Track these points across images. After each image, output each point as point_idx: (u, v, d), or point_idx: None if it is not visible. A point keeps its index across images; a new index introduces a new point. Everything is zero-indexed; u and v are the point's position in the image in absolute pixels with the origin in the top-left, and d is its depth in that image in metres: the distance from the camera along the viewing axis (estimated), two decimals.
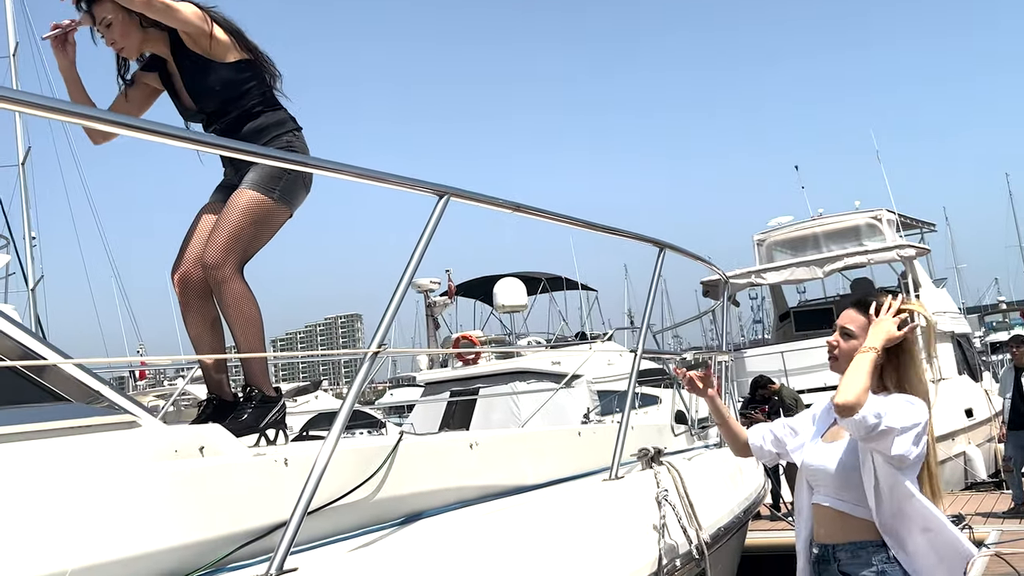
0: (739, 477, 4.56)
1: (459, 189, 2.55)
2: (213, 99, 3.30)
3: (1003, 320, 44.68)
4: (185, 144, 2.07)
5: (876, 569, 2.55)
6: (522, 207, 2.84)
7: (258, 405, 3.12)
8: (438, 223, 2.48)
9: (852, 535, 2.61)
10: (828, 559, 2.66)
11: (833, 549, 2.65)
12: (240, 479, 2.18)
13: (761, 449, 3.02)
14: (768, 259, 15.52)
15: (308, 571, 1.90)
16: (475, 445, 3.06)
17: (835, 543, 2.64)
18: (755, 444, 3.03)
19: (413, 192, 2.56)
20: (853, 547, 2.60)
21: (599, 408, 12.08)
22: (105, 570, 1.83)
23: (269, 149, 3.02)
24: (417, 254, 2.40)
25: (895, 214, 14.88)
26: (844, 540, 2.62)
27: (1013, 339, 10.06)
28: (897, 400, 2.56)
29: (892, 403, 2.53)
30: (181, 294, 3.20)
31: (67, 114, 1.83)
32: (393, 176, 2.47)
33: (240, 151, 2.29)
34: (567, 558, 2.65)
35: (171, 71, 3.36)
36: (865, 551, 2.57)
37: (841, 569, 2.60)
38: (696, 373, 3.09)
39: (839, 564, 2.61)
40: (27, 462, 1.90)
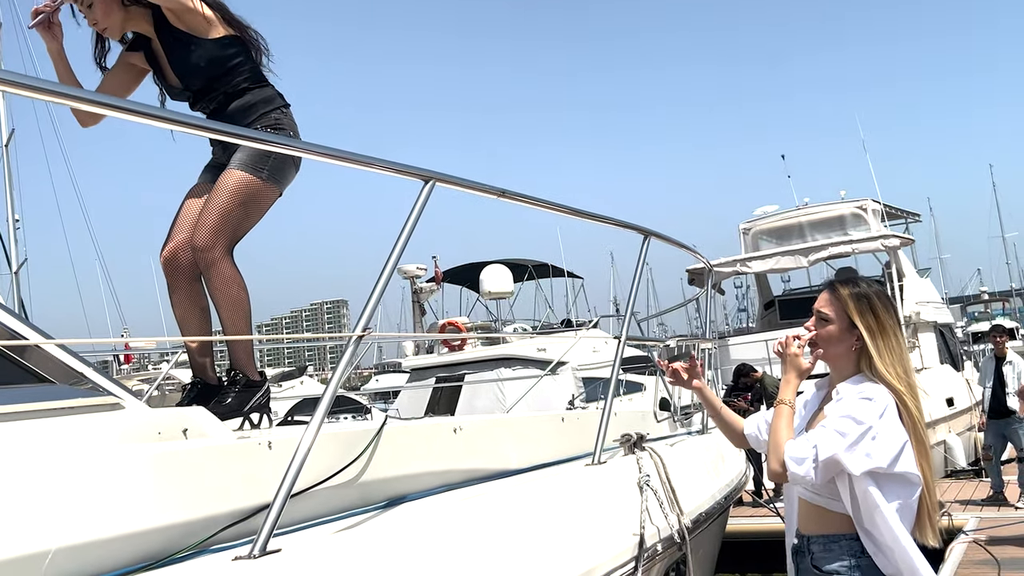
0: (720, 464, 4.60)
1: (444, 174, 2.55)
2: (199, 77, 3.28)
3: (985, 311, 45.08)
4: (173, 127, 2.06)
5: (848, 563, 2.49)
6: (507, 193, 2.85)
7: (242, 389, 3.12)
8: (423, 208, 2.49)
9: (826, 527, 2.55)
10: (804, 551, 2.61)
11: (808, 541, 2.60)
12: (223, 462, 2.19)
13: (757, 439, 2.97)
14: (754, 248, 15.59)
15: (291, 552, 1.91)
16: (459, 430, 3.08)
17: (810, 535, 2.60)
18: (751, 433, 2.99)
19: (400, 177, 2.57)
20: (826, 540, 2.55)
21: (584, 395, 12.14)
22: (88, 550, 1.83)
23: (257, 132, 3.02)
24: (402, 239, 2.41)
25: (880, 204, 14.96)
26: (818, 532, 2.58)
27: (994, 329, 10.18)
28: (840, 409, 2.48)
29: (829, 422, 2.46)
30: (169, 275, 3.19)
31: (53, 95, 1.82)
32: (379, 160, 2.47)
33: (229, 134, 2.28)
34: (548, 541, 2.67)
35: (156, 50, 3.33)
36: (838, 544, 2.52)
37: (813, 562, 2.56)
38: (680, 364, 3.05)
39: (812, 557, 2.57)
40: (9, 443, 1.90)
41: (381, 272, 2.34)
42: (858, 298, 2.67)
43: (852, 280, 2.80)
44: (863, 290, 2.70)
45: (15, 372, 1.99)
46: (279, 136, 3.13)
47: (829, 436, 2.43)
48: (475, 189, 2.72)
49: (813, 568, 2.56)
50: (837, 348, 2.66)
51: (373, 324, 2.43)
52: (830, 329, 2.66)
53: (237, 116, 3.25)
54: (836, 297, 2.68)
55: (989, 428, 9.51)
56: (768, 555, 8.99)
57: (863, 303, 2.66)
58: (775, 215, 15.92)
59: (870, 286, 2.74)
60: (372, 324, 2.37)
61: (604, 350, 13.47)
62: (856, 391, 2.53)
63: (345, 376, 2.26)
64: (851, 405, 2.47)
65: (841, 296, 2.67)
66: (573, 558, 2.70)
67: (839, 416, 2.46)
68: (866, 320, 2.63)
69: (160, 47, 3.30)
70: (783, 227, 15.65)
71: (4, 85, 1.70)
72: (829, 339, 2.66)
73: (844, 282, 2.77)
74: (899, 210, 16.29)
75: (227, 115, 3.26)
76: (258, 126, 3.25)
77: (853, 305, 2.65)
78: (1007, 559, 6.82)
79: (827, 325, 2.66)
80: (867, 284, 2.76)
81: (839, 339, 2.65)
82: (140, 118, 1.92)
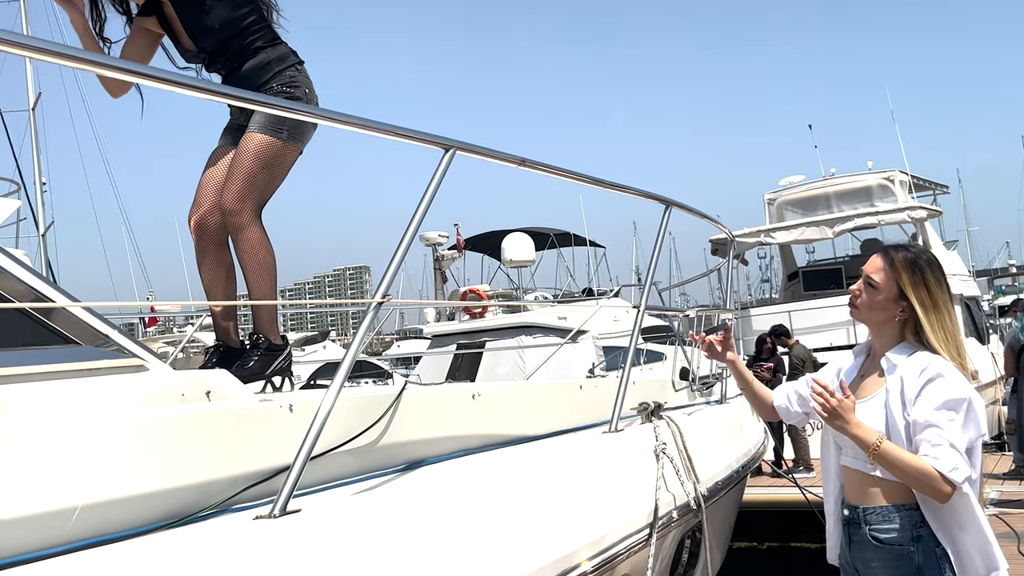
0: (739, 434, 4.61)
1: (465, 143, 2.56)
2: (213, 38, 3.28)
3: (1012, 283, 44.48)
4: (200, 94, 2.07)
5: (911, 534, 2.46)
6: (527, 161, 2.85)
7: (264, 353, 3.16)
8: (443, 176, 2.50)
9: (884, 498, 2.51)
10: (858, 522, 2.56)
11: (864, 512, 2.55)
12: (245, 424, 2.23)
13: (787, 410, 2.93)
14: (779, 218, 15.46)
15: (310, 512, 1.96)
16: (477, 396, 3.11)
17: (865, 506, 2.55)
18: (780, 405, 2.95)
19: (421, 146, 2.58)
20: (885, 510, 2.50)
21: (604, 364, 12.15)
22: (112, 507, 1.88)
23: (280, 100, 3.03)
24: (422, 207, 2.42)
25: (908, 175, 14.76)
26: (875, 503, 2.53)
27: (1016, 303, 10.08)
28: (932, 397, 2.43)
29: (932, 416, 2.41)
30: (197, 240, 3.23)
31: (79, 61, 1.84)
32: (400, 129, 2.48)
33: (254, 102, 2.30)
34: (564, 507, 2.70)
35: (168, 14, 3.34)
36: (899, 514, 2.48)
37: (872, 533, 2.52)
38: (714, 337, 3.01)
39: (870, 527, 2.53)
40: (37, 402, 1.95)
41: (401, 240, 2.36)
42: (913, 269, 2.58)
43: (906, 247, 2.67)
44: (918, 260, 2.61)
45: (42, 334, 2.03)
46: (304, 105, 3.14)
47: (950, 429, 2.39)
48: (495, 157, 2.73)
49: (872, 539, 2.52)
50: (880, 316, 2.61)
51: (394, 291, 2.45)
52: (877, 298, 2.60)
53: (252, 76, 3.27)
54: (890, 265, 2.59)
55: (1012, 402, 9.45)
56: (786, 525, 9.04)
57: (917, 275, 2.58)
58: (801, 185, 15.76)
59: (924, 254, 2.64)
60: (393, 291, 2.39)
61: (625, 319, 13.52)
62: (917, 364, 2.49)
63: (366, 342, 2.29)
64: (938, 387, 2.43)
65: (896, 266, 2.59)
66: (588, 524, 2.74)
67: (937, 404, 2.42)
68: (919, 293, 2.56)
69: (172, 11, 3.31)
70: (809, 197, 15.48)
71: (31, 52, 1.72)
72: (873, 306, 2.61)
73: (898, 248, 2.66)
74: (927, 181, 16.08)
75: (242, 75, 3.27)
76: (274, 84, 3.27)
77: (908, 277, 2.57)
78: None
79: (875, 292, 2.61)
80: (922, 252, 2.66)
81: (883, 308, 2.60)
82: (167, 85, 1.93)
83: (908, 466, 2.37)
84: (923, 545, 2.45)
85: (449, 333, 14.29)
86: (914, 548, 2.45)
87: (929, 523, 2.45)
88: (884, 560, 2.50)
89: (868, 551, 2.54)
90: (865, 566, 2.57)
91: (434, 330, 15.09)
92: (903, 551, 2.46)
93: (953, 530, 2.44)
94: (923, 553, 2.44)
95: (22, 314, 2.02)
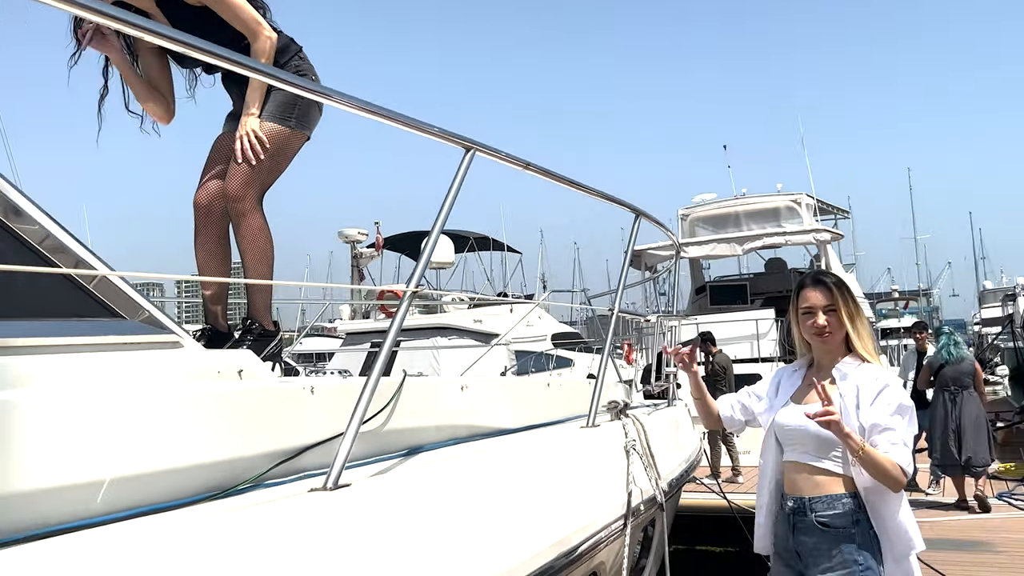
0: (684, 436, 4.86)
1: (484, 144, 2.66)
2: (212, 40, 3.29)
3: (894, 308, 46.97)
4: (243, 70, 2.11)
5: (852, 518, 2.80)
6: (531, 165, 2.99)
7: (257, 338, 3.21)
8: (465, 175, 2.60)
9: (828, 488, 2.85)
10: (804, 510, 2.88)
11: (810, 501, 2.87)
12: (275, 403, 2.30)
13: (731, 419, 3.27)
14: (691, 234, 16.02)
15: (360, 486, 2.05)
16: (465, 388, 3.23)
17: (811, 496, 2.87)
18: (726, 415, 3.28)
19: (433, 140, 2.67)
20: (829, 499, 2.84)
21: (516, 368, 12.32)
22: (162, 478, 1.94)
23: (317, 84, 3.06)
24: (447, 205, 2.52)
25: (814, 199, 15.53)
26: (820, 493, 2.86)
27: (916, 325, 10.76)
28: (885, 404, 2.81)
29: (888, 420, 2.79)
30: (198, 220, 3.25)
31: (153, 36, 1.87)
32: (424, 124, 2.54)
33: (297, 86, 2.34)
34: (557, 494, 2.86)
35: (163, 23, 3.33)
36: (840, 502, 2.82)
37: (818, 519, 2.84)
38: (686, 350, 3.29)
39: (816, 514, 2.85)
40: (85, 373, 1.98)
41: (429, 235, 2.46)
42: (842, 289, 3.03)
43: (823, 272, 3.17)
44: (841, 282, 3.08)
45: (90, 304, 2.06)
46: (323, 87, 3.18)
47: (902, 430, 2.79)
48: (510, 161, 2.84)
49: (818, 524, 2.84)
50: (840, 334, 2.99)
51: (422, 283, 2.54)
52: (839, 316, 2.97)
53: None
54: (831, 290, 3.00)
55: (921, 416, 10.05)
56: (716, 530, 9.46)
57: (846, 294, 3.03)
58: (713, 203, 16.37)
59: (838, 277, 3.11)
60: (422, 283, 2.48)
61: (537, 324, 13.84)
62: (868, 374, 2.89)
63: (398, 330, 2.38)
64: (890, 395, 2.84)
65: (834, 288, 3.01)
66: (577, 511, 2.90)
67: (891, 410, 2.81)
68: (848, 308, 3.00)
69: (164, 20, 3.29)
70: (720, 215, 16.11)
71: None
72: (839, 327, 2.97)
73: (822, 274, 3.13)
74: (830, 206, 16.94)
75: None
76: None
77: (841, 297, 2.99)
78: None
79: (834, 314, 2.97)
80: (834, 275, 3.15)
81: (840, 326, 2.97)
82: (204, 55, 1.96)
83: (882, 462, 2.73)
84: (861, 528, 2.82)
85: (364, 331, 14.23)
86: (855, 530, 2.81)
87: (867, 509, 2.82)
88: (828, 542, 2.83)
89: (813, 535, 2.87)
90: (808, 549, 2.89)
91: (349, 327, 15.00)
92: (845, 533, 2.82)
93: (886, 515, 2.83)
94: (861, 535, 2.81)
95: (70, 282, 2.05)
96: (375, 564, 1.94)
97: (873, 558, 2.80)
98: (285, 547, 1.78)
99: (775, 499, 3.05)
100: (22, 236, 1.96)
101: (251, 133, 3.10)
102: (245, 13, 3.15)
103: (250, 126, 3.11)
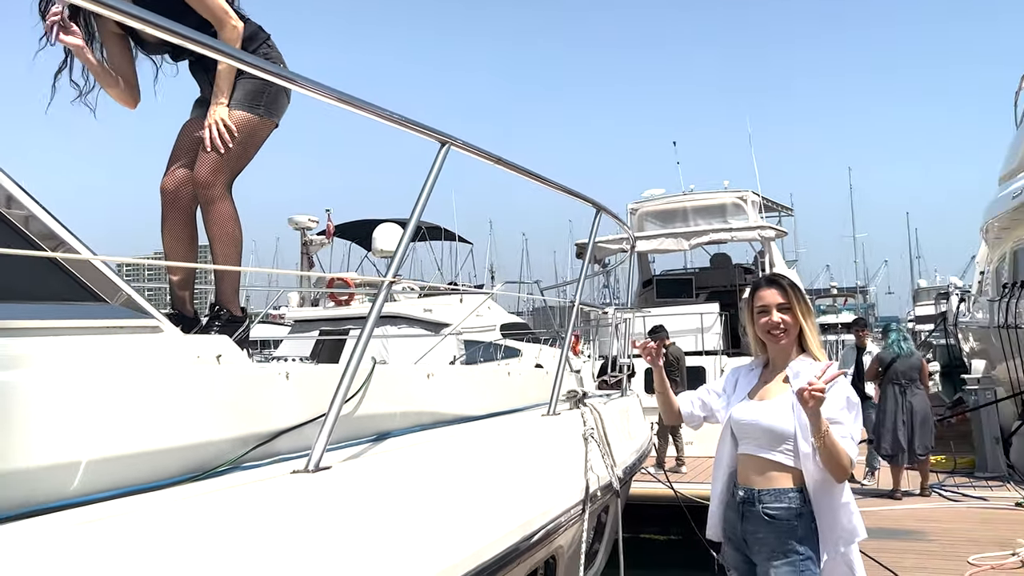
0: (636, 426, 5.00)
1: (459, 139, 2.73)
2: None
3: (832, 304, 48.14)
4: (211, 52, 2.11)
5: (796, 511, 2.95)
6: (502, 160, 3.07)
7: (225, 324, 3.24)
8: (440, 170, 2.66)
9: (776, 482, 3.00)
10: (753, 501, 3.03)
11: (759, 493, 3.02)
12: (252, 388, 2.36)
13: (691, 414, 3.38)
14: (639, 228, 16.24)
15: (340, 469, 2.12)
16: (431, 376, 3.30)
17: (760, 488, 3.02)
18: (686, 411, 3.39)
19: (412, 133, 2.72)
20: (776, 492, 2.99)
21: (464, 357, 12.39)
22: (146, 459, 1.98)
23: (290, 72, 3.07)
24: (422, 199, 2.59)
25: (760, 196, 15.85)
26: (769, 486, 3.00)
27: (856, 322, 11.10)
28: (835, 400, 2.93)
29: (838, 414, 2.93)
30: (165, 205, 3.25)
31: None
32: (401, 117, 2.59)
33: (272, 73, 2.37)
34: (522, 480, 2.96)
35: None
36: (786, 496, 2.97)
37: (764, 510, 2.99)
38: (652, 344, 3.38)
39: (763, 505, 2.99)
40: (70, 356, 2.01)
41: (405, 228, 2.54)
42: (794, 289, 3.20)
43: (776, 275, 3.34)
44: (795, 284, 3.24)
45: (74, 288, 2.09)
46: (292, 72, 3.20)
47: (849, 424, 2.95)
48: (487, 157, 2.92)
49: (765, 515, 2.99)
50: (794, 332, 3.15)
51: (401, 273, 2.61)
52: (794, 314, 3.14)
53: None
54: (786, 290, 3.17)
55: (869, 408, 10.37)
56: (661, 518, 9.67)
57: (799, 295, 3.19)
58: (662, 198, 16.62)
59: (789, 278, 3.28)
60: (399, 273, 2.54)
61: (487, 315, 13.95)
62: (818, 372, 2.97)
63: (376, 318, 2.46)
64: (839, 391, 2.97)
65: (788, 288, 3.18)
66: (541, 496, 3.01)
67: (841, 405, 2.96)
68: (802, 307, 3.17)
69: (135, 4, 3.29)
70: (668, 210, 16.36)
71: None
72: (794, 325, 3.14)
73: (775, 277, 3.28)
74: (775, 203, 17.30)
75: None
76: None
77: (795, 297, 3.16)
78: None
79: (789, 312, 3.13)
80: (785, 276, 3.30)
81: (795, 324, 3.14)
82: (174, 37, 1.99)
83: (838, 450, 2.88)
84: (804, 521, 2.97)
85: (313, 319, 14.17)
86: (797, 523, 2.97)
87: (812, 503, 2.97)
88: (773, 533, 2.99)
89: (760, 525, 3.02)
90: (755, 537, 3.04)
91: (297, 315, 14.91)
92: (788, 525, 2.97)
93: (832, 506, 2.99)
94: (803, 527, 2.97)
95: (54, 265, 2.08)
96: (356, 542, 2.02)
97: (813, 550, 2.95)
98: (273, 526, 1.85)
99: (727, 489, 3.18)
100: (9, 220, 1.98)
101: (220, 121, 3.14)
102: (212, 2, 3.17)
103: (219, 114, 3.15)
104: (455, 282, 18.53)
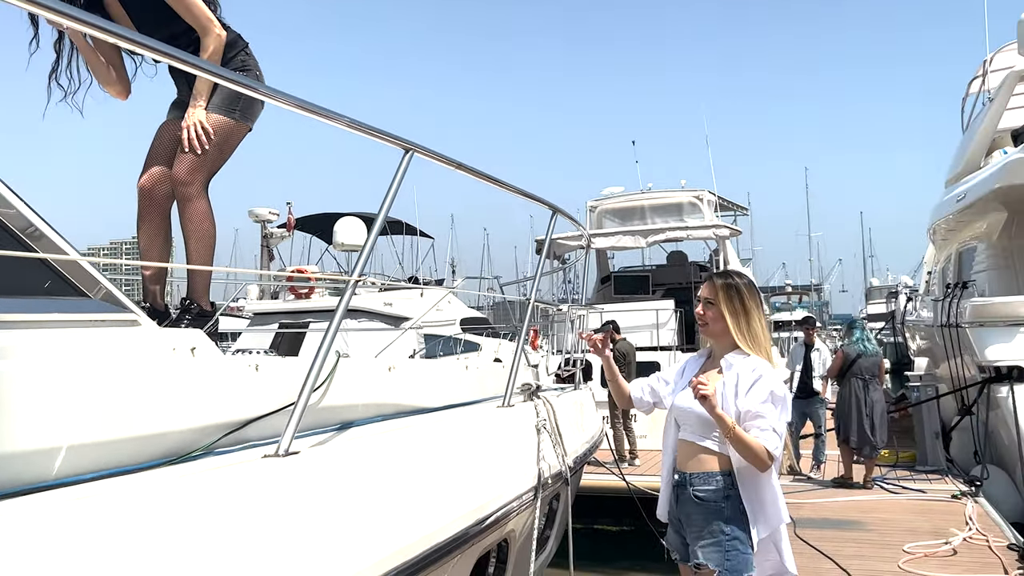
0: (586, 419, 5.20)
1: (423, 146, 2.90)
2: (164, 32, 3.45)
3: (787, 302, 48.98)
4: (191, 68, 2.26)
5: (723, 494, 3.17)
6: (463, 166, 3.25)
7: (196, 318, 3.38)
8: (404, 176, 2.83)
9: (706, 465, 3.22)
10: (685, 484, 3.26)
11: (690, 476, 3.24)
12: (225, 379, 2.51)
13: (641, 400, 3.60)
14: (598, 225, 16.51)
15: (308, 454, 2.29)
16: (392, 368, 3.47)
17: (691, 472, 3.24)
18: (636, 396, 3.61)
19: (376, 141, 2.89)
20: (706, 475, 3.21)
21: (424, 351, 12.52)
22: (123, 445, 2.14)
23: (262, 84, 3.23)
24: (387, 204, 2.75)
25: (715, 196, 16.19)
26: (699, 469, 3.23)
27: (805, 320, 11.43)
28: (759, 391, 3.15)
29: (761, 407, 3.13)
30: (142, 204, 3.39)
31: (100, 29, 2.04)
32: (365, 126, 2.75)
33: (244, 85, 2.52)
34: (476, 467, 3.15)
35: (115, 14, 3.44)
36: (715, 479, 3.19)
37: (694, 492, 3.21)
38: (599, 336, 3.62)
39: (693, 488, 3.22)
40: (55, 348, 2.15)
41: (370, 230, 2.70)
42: (727, 288, 3.40)
43: (727, 273, 3.52)
44: (734, 282, 3.44)
45: (59, 283, 2.23)
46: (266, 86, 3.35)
47: (774, 415, 3.14)
48: (451, 164, 3.09)
49: (694, 497, 3.22)
50: (719, 326, 3.37)
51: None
52: (716, 310, 3.37)
53: None
54: (715, 287, 3.41)
55: (794, 407, 10.69)
56: (614, 510, 9.91)
57: (732, 292, 3.39)
58: (620, 196, 16.89)
59: (740, 278, 3.47)
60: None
61: (447, 309, 14.08)
62: (748, 365, 3.24)
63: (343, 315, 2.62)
64: (764, 385, 3.17)
65: (719, 286, 3.40)
66: (494, 483, 3.20)
67: (763, 399, 3.15)
68: (732, 305, 3.37)
69: (120, 9, 3.43)
70: (626, 208, 16.65)
71: None
72: (715, 318, 3.37)
73: (721, 275, 3.50)
74: (730, 203, 17.67)
75: None
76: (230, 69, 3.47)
77: (724, 295, 3.38)
78: (800, 518, 7.92)
79: (711, 307, 3.38)
80: (738, 277, 3.49)
81: (718, 318, 3.36)
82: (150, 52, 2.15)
83: (749, 443, 3.10)
84: (731, 503, 3.19)
85: (272, 312, 14.19)
86: (724, 505, 3.19)
87: (739, 487, 3.19)
88: (702, 514, 3.21)
89: (691, 507, 3.25)
90: (687, 518, 3.28)
91: (257, 307, 14.92)
92: (716, 507, 3.19)
93: (758, 490, 3.21)
94: (731, 509, 3.18)
95: (41, 262, 2.21)
96: (321, 521, 2.20)
97: (741, 530, 3.16)
98: (246, 505, 2.01)
99: (671, 472, 3.40)
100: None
101: (198, 124, 3.28)
102: (198, 10, 3.31)
103: (197, 117, 3.29)
104: (416, 277, 18.65)
